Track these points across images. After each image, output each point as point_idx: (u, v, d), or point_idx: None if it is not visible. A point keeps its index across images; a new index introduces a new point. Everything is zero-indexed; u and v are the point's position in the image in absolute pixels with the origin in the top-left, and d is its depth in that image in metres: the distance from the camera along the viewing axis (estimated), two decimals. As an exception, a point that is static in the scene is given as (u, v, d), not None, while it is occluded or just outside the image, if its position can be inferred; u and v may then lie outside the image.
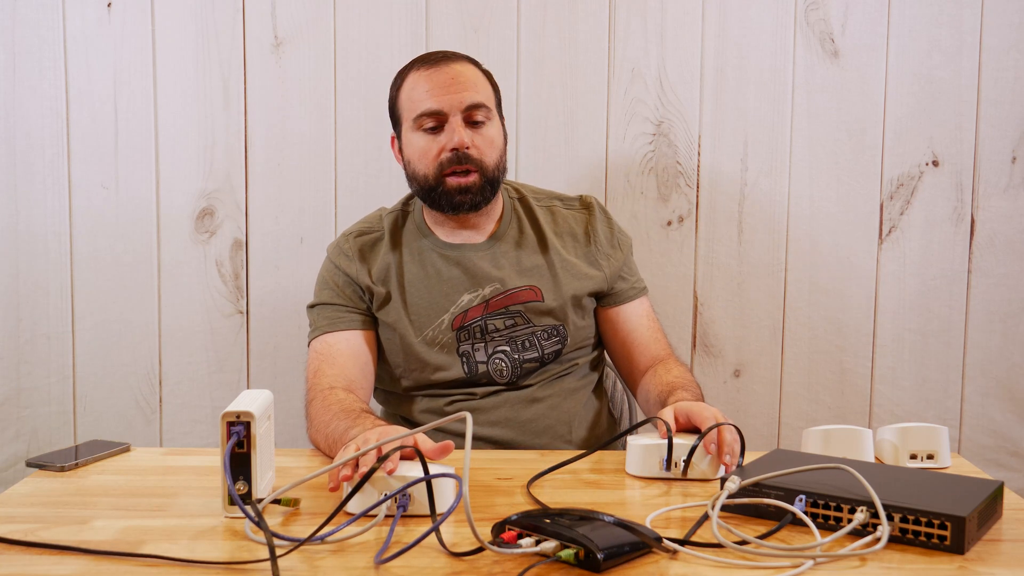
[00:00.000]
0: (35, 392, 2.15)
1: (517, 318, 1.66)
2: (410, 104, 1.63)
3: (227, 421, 1.16)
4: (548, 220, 1.73)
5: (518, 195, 1.76)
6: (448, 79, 1.61)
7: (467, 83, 1.61)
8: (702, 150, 2.13)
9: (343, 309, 1.66)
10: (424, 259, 1.68)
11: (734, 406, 2.18)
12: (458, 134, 1.59)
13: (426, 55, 1.67)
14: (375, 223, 1.73)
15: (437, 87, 1.60)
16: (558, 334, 1.67)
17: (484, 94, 1.63)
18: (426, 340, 1.64)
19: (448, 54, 1.66)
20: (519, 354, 1.65)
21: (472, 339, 1.65)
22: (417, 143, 1.63)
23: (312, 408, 1.53)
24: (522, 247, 1.70)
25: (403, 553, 1.05)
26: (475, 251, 1.67)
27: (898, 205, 2.14)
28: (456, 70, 1.62)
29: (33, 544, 1.10)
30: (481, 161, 1.61)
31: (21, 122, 2.09)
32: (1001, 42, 2.10)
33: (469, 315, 1.65)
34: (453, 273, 1.66)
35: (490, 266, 1.66)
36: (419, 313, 1.65)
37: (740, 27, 2.10)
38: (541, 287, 1.67)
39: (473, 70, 1.65)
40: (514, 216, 1.72)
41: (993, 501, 1.16)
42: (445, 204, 1.63)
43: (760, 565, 1.04)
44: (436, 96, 1.60)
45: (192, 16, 2.08)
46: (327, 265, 1.72)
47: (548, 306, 1.66)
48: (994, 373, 2.17)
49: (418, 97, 1.62)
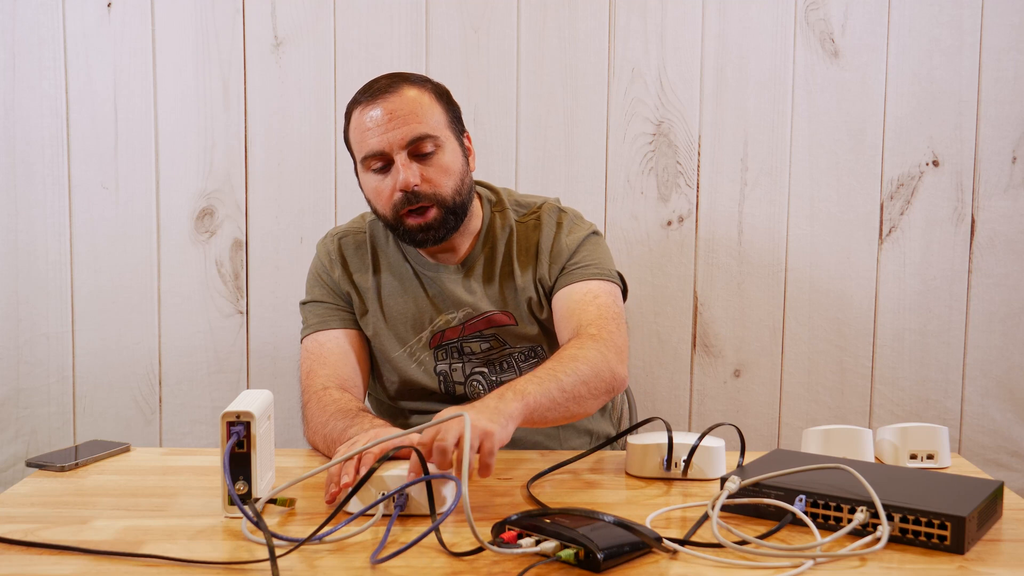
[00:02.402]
0: (35, 392, 2.14)
1: (492, 341, 1.63)
2: (357, 144, 1.57)
3: (227, 421, 1.16)
4: (521, 236, 1.66)
5: (499, 207, 1.68)
6: (385, 116, 1.52)
7: (406, 115, 1.52)
8: (702, 150, 2.13)
9: (333, 307, 1.66)
10: (403, 275, 1.65)
11: (734, 406, 2.18)
12: (404, 174, 1.51)
13: (368, 86, 1.58)
14: (361, 224, 1.71)
15: (376, 126, 1.52)
16: (536, 355, 1.65)
17: (429, 122, 1.54)
18: (405, 354, 1.64)
19: (386, 84, 1.55)
20: (496, 376, 1.63)
21: (450, 358, 1.63)
22: (369, 183, 1.57)
23: (308, 410, 1.53)
24: (493, 270, 1.64)
25: (401, 553, 1.05)
26: (449, 274, 1.64)
27: (898, 205, 2.14)
28: (394, 103, 1.52)
29: (33, 544, 1.10)
30: (435, 194, 1.54)
31: (21, 122, 2.09)
32: (1001, 42, 2.10)
33: (447, 335, 1.63)
34: (431, 292, 1.64)
35: (463, 291, 1.63)
36: (397, 327, 1.64)
37: (740, 27, 2.10)
38: (513, 312, 1.63)
39: (416, 95, 1.54)
40: (488, 235, 1.66)
41: (993, 501, 1.16)
42: (409, 241, 1.59)
43: (760, 565, 1.04)
44: (377, 136, 1.52)
45: (192, 16, 2.08)
46: (316, 262, 1.70)
47: (522, 330, 1.63)
48: (994, 373, 2.17)
49: (361, 137, 1.55)
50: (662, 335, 2.16)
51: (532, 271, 1.64)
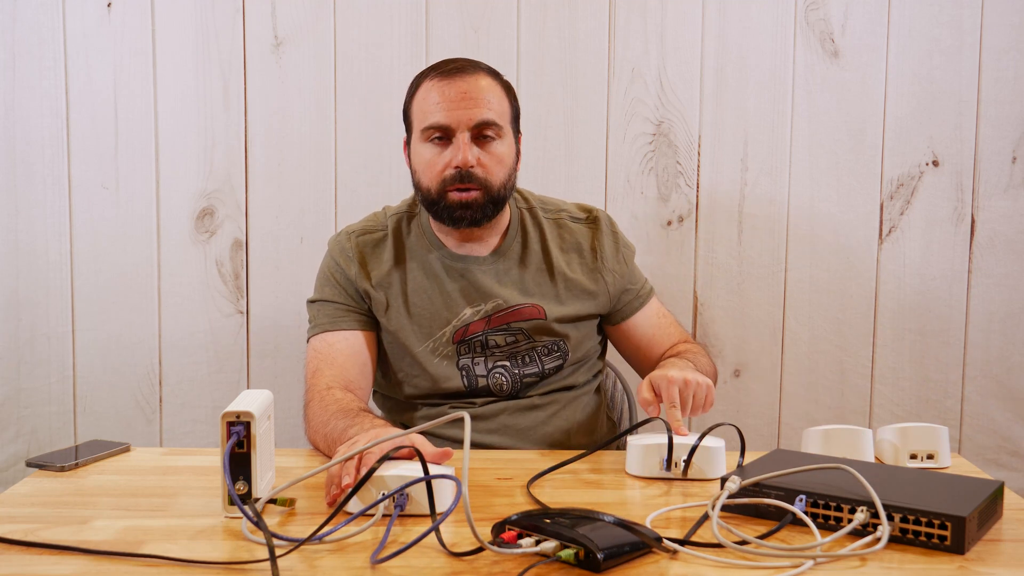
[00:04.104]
0: (35, 392, 2.15)
1: (519, 335, 1.64)
2: (421, 114, 1.59)
3: (227, 421, 1.16)
4: (554, 234, 1.70)
5: (527, 205, 1.72)
6: (460, 93, 1.56)
7: (480, 99, 1.56)
8: (702, 150, 2.13)
9: (344, 308, 1.65)
10: (429, 268, 1.66)
11: (734, 406, 2.18)
12: (463, 152, 1.55)
13: (444, 63, 1.61)
14: (379, 221, 1.70)
15: (448, 100, 1.55)
16: (559, 349, 1.65)
17: (497, 111, 1.58)
18: (428, 350, 1.64)
19: (466, 65, 1.60)
20: (519, 369, 1.64)
21: (472, 353, 1.64)
22: (424, 154, 1.59)
23: (310, 409, 1.53)
24: (526, 263, 1.67)
25: (401, 553, 1.05)
26: (479, 265, 1.65)
27: (898, 205, 2.14)
28: (470, 84, 1.57)
29: (33, 544, 1.10)
30: (486, 180, 1.57)
31: (21, 122, 2.09)
32: (1001, 42, 2.10)
33: (471, 329, 1.63)
34: (457, 286, 1.64)
35: (493, 282, 1.64)
36: (421, 323, 1.64)
37: (740, 27, 2.10)
38: (544, 305, 1.65)
39: (490, 84, 1.59)
40: (520, 230, 1.69)
41: (993, 501, 1.16)
42: (446, 217, 1.60)
43: (760, 565, 1.04)
44: (446, 110, 1.55)
45: (192, 16, 2.08)
46: (328, 260, 1.69)
47: (550, 324, 1.64)
48: (994, 373, 2.17)
49: (428, 108, 1.57)
50: (662, 335, 2.16)
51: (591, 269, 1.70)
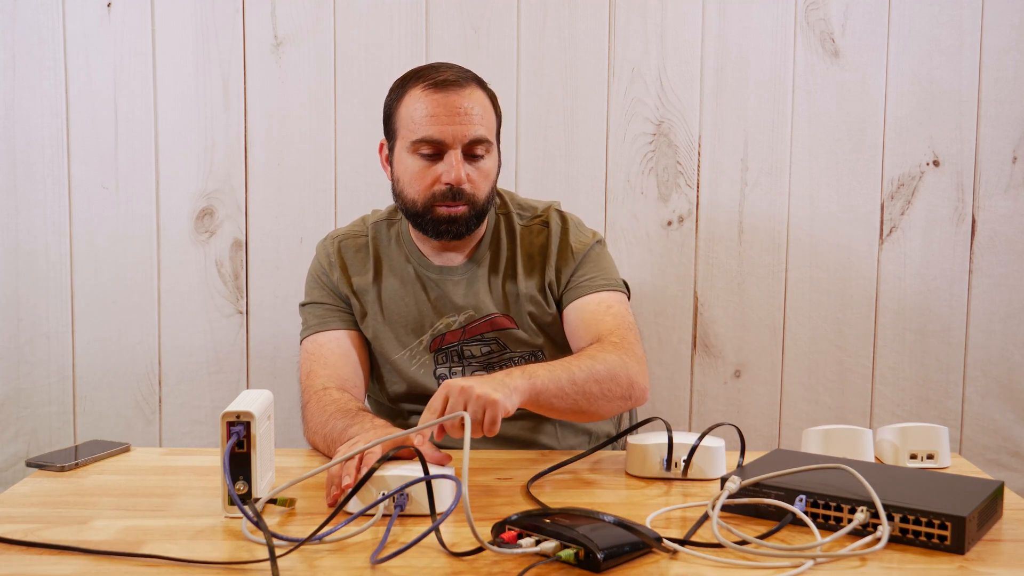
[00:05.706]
0: (35, 392, 2.14)
1: (493, 344, 1.63)
2: (410, 123, 1.55)
3: (227, 421, 1.16)
4: (527, 241, 1.67)
5: (504, 210, 1.69)
6: (454, 108, 1.52)
7: (473, 115, 1.53)
8: (702, 150, 2.13)
9: (333, 308, 1.66)
10: (406, 277, 1.65)
11: (734, 406, 2.18)
12: (456, 170, 1.52)
13: (433, 71, 1.57)
14: (362, 227, 1.71)
15: (442, 115, 1.52)
16: (536, 359, 1.64)
17: (488, 126, 1.56)
18: (405, 358, 1.64)
19: (457, 78, 1.56)
20: None
21: (450, 362, 1.63)
22: (410, 166, 1.56)
23: (308, 411, 1.53)
24: (497, 272, 1.65)
25: (401, 553, 1.05)
26: (452, 275, 1.64)
27: (899, 205, 2.14)
28: (464, 98, 1.54)
29: (33, 544, 1.10)
30: (474, 195, 1.55)
31: (21, 122, 2.09)
32: (1001, 42, 2.10)
33: (447, 339, 1.63)
34: (432, 295, 1.64)
35: (465, 292, 1.63)
36: (397, 331, 1.64)
37: (740, 27, 2.10)
38: (513, 315, 1.64)
39: (481, 98, 1.57)
40: (494, 238, 1.66)
41: (993, 501, 1.16)
42: (430, 230, 1.58)
43: (760, 565, 1.04)
44: (439, 125, 1.52)
45: (192, 16, 2.08)
46: (315, 263, 1.70)
47: (523, 334, 1.63)
48: (994, 373, 2.17)
49: (419, 119, 1.53)
50: (662, 335, 2.16)
51: (539, 276, 1.64)
